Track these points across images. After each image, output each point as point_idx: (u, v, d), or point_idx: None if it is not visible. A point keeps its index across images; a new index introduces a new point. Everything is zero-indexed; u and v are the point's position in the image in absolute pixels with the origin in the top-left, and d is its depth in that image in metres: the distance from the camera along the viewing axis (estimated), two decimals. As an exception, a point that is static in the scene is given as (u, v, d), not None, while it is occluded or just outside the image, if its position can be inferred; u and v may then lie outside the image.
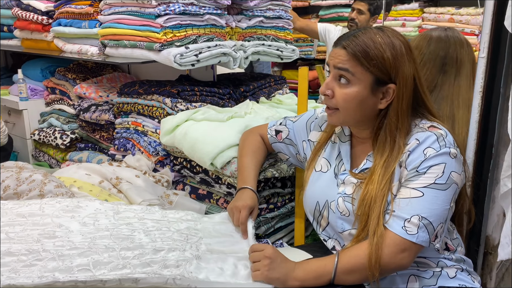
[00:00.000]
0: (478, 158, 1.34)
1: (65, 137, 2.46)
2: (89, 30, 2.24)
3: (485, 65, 1.28)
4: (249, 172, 1.44)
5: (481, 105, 1.30)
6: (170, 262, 1.10)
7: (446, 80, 1.52)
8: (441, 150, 1.11)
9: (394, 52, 1.12)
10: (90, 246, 1.10)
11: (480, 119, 1.31)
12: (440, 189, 1.10)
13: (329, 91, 1.18)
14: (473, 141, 1.33)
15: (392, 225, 1.11)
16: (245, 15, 2.08)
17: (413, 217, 1.09)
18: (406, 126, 1.16)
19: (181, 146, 1.70)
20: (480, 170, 1.35)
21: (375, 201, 1.13)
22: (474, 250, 1.40)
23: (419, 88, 1.17)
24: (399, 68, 1.13)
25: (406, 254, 1.10)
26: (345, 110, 1.17)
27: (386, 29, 1.17)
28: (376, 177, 1.14)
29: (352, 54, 1.13)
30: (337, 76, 1.16)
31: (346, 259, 1.13)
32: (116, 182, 1.66)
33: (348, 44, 1.14)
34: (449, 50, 1.53)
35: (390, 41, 1.13)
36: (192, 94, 1.93)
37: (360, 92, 1.14)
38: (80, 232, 1.17)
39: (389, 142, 1.15)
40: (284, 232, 1.70)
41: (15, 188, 1.41)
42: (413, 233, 1.09)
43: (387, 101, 1.15)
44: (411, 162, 1.12)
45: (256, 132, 1.55)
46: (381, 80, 1.14)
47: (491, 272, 1.42)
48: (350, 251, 1.15)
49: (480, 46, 1.28)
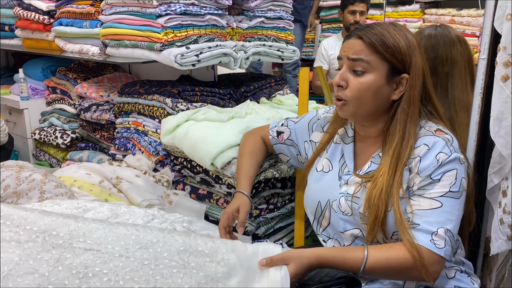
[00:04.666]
0: (478, 159, 1.34)
1: (66, 137, 2.46)
2: (90, 30, 2.25)
3: (486, 67, 1.28)
4: (244, 174, 1.43)
5: (481, 107, 1.30)
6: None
7: (437, 82, 1.50)
8: (452, 155, 1.11)
9: (408, 43, 1.15)
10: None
11: (480, 120, 1.31)
12: (455, 197, 1.10)
13: (343, 82, 1.18)
14: (473, 143, 1.33)
15: (419, 238, 1.08)
16: (246, 16, 2.09)
17: (439, 229, 1.08)
18: (416, 115, 1.16)
19: (182, 145, 1.70)
20: (480, 172, 1.34)
21: (387, 192, 1.11)
22: (474, 252, 1.40)
23: (427, 82, 1.19)
24: (413, 58, 1.15)
25: (437, 270, 1.08)
26: (359, 100, 1.16)
27: (398, 24, 1.20)
28: (385, 169, 1.13)
29: (368, 43, 1.14)
30: (352, 67, 1.17)
31: (379, 255, 1.09)
32: (116, 181, 1.66)
33: (364, 33, 1.15)
34: (438, 51, 1.50)
35: (402, 33, 1.16)
36: (192, 95, 1.93)
37: (376, 80, 1.15)
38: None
39: (399, 130, 1.15)
40: (284, 233, 1.70)
41: (15, 187, 1.41)
42: (441, 247, 1.07)
43: (401, 92, 1.16)
44: (424, 169, 1.11)
45: (256, 134, 1.54)
46: (396, 69, 1.15)
47: (491, 273, 1.42)
48: (382, 247, 1.11)
49: (480, 47, 1.28)
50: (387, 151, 1.16)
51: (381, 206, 1.11)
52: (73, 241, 1.00)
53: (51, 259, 0.99)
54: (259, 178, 1.53)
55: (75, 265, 0.98)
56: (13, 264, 0.98)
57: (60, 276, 0.97)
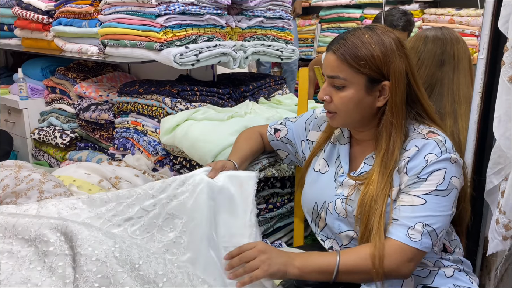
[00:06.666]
0: (477, 158, 1.34)
1: (65, 137, 2.46)
2: (89, 29, 2.25)
3: (485, 66, 1.28)
4: (238, 151, 1.45)
5: (480, 106, 1.30)
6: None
7: (444, 75, 1.53)
8: (442, 156, 1.11)
9: (384, 49, 1.13)
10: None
11: (479, 120, 1.31)
12: (441, 195, 1.10)
13: (327, 97, 1.19)
14: (472, 142, 1.33)
15: (395, 233, 1.10)
16: (245, 15, 2.09)
17: (417, 224, 1.09)
18: (401, 122, 1.16)
19: (182, 145, 1.70)
20: (479, 171, 1.34)
21: (376, 200, 1.12)
22: (473, 251, 1.40)
23: (413, 84, 1.17)
24: (390, 64, 1.13)
25: (412, 264, 1.09)
26: (344, 113, 1.18)
27: (375, 27, 1.18)
28: (375, 175, 1.14)
29: (341, 59, 1.14)
30: (331, 82, 1.18)
31: (348, 261, 1.11)
32: (115, 181, 1.66)
33: (337, 48, 1.15)
34: (446, 47, 1.54)
35: (379, 38, 1.14)
36: (191, 94, 1.93)
37: (355, 94, 1.15)
38: None
39: (385, 139, 1.16)
40: (283, 232, 1.69)
41: (14, 187, 1.41)
42: (416, 240, 1.08)
43: (385, 99, 1.16)
44: (412, 168, 1.12)
45: (255, 130, 1.55)
46: (374, 79, 1.14)
47: (490, 273, 1.42)
48: (352, 252, 1.13)
49: (479, 47, 1.28)
50: (377, 158, 1.17)
51: (371, 215, 1.12)
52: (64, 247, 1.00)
53: (43, 269, 0.99)
54: (258, 176, 1.52)
55: (67, 274, 0.97)
56: (5, 275, 0.98)
57: (52, 285, 0.97)
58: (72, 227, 1.02)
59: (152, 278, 1.01)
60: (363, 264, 1.10)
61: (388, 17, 2.83)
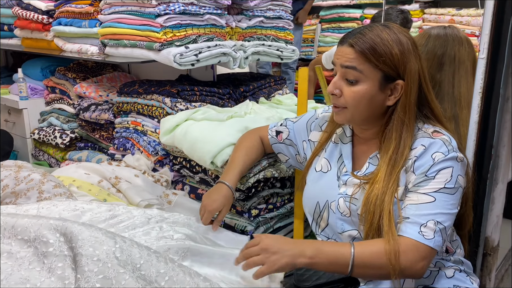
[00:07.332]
0: (478, 158, 1.34)
1: (65, 137, 2.46)
2: (89, 29, 2.24)
3: (485, 66, 1.27)
4: (234, 167, 1.43)
5: (481, 106, 1.30)
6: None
7: (444, 78, 1.50)
8: (449, 154, 1.11)
9: (402, 48, 1.12)
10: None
11: (479, 120, 1.31)
12: (449, 193, 1.10)
13: (337, 91, 1.17)
14: (473, 142, 1.33)
15: (407, 231, 1.08)
16: (245, 15, 2.08)
17: (429, 221, 1.08)
18: (412, 122, 1.15)
19: (181, 145, 1.70)
20: (480, 171, 1.34)
21: (382, 199, 1.11)
22: (473, 251, 1.39)
23: (424, 85, 1.17)
24: (407, 64, 1.12)
25: (425, 262, 1.07)
26: (354, 108, 1.16)
27: (391, 25, 1.16)
28: (382, 175, 1.13)
29: (360, 52, 1.12)
30: (345, 75, 1.15)
31: (364, 255, 1.07)
32: (115, 181, 1.66)
33: (355, 41, 1.13)
34: (447, 48, 1.50)
35: (397, 37, 1.13)
36: (191, 94, 1.92)
37: (369, 89, 1.13)
38: None
39: (395, 138, 1.15)
40: (283, 233, 1.69)
41: (13, 187, 1.40)
42: (430, 238, 1.07)
43: (396, 98, 1.15)
44: (419, 167, 1.12)
45: (255, 133, 1.54)
46: (390, 76, 1.13)
47: (491, 273, 1.42)
48: (366, 245, 1.10)
49: (480, 47, 1.28)
50: (383, 156, 1.16)
51: (376, 213, 1.11)
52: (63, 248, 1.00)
53: (42, 270, 0.99)
54: (258, 177, 1.53)
55: (67, 275, 0.97)
56: (5, 275, 0.97)
57: (52, 286, 0.96)
58: (72, 227, 1.01)
59: (153, 277, 1.00)
60: (378, 258, 1.07)
61: (385, 16, 2.83)
